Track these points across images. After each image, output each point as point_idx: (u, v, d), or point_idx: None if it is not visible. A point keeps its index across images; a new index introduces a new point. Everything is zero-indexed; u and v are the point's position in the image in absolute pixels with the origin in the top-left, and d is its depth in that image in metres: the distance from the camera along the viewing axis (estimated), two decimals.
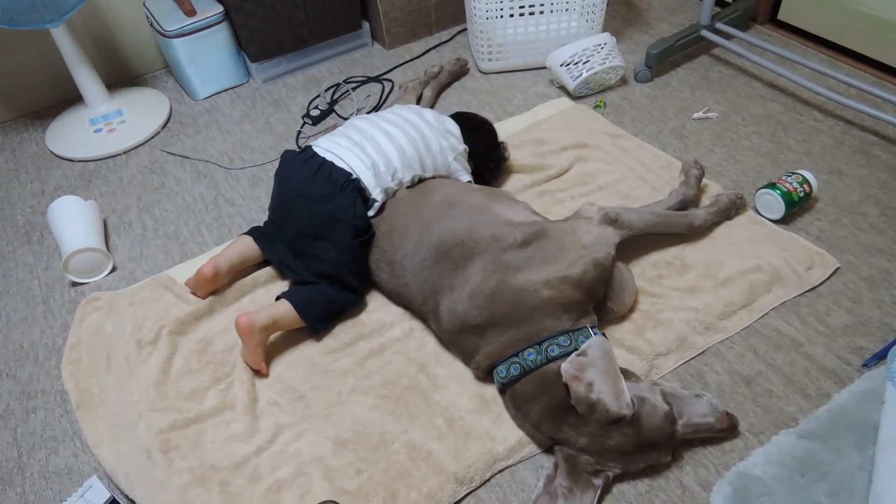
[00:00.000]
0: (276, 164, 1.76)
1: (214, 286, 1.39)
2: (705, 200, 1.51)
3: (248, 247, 1.42)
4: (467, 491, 1.08)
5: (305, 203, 1.31)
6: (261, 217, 1.62)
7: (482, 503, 1.07)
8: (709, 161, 1.65)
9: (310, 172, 1.32)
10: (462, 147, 1.48)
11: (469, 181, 1.48)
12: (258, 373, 1.26)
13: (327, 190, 1.30)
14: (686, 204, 1.44)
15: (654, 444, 1.01)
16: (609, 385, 0.99)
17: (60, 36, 1.77)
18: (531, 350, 1.09)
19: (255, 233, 1.44)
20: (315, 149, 1.37)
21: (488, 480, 1.09)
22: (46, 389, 1.30)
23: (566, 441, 1.04)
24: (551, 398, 1.05)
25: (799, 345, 1.24)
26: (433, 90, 1.91)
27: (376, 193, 1.34)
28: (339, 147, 1.36)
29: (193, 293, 1.40)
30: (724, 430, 1.06)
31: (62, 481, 1.15)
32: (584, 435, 1.01)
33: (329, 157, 1.34)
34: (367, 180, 1.33)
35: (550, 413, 1.05)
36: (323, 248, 1.31)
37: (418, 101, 1.86)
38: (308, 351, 1.30)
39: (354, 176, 1.32)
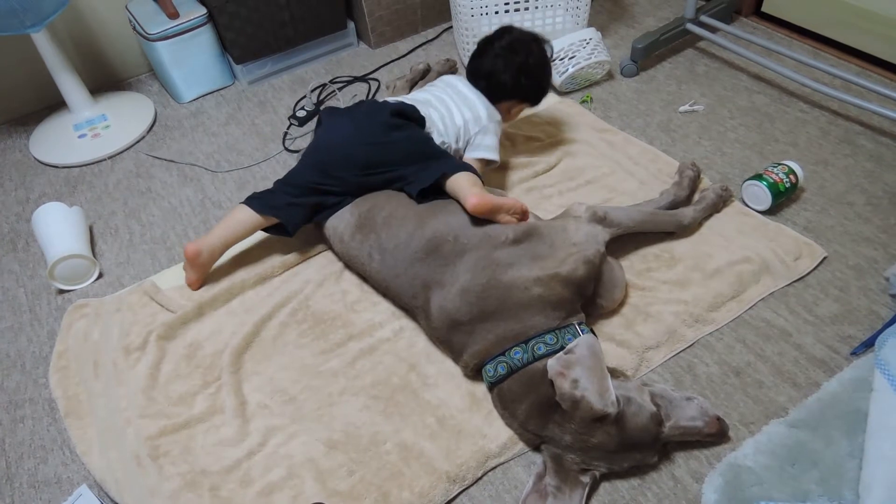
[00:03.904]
0: (262, 166, 1.77)
1: (202, 268, 1.40)
2: (694, 196, 1.51)
3: (243, 221, 1.39)
4: (460, 489, 1.07)
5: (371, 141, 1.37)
6: None
7: (475, 501, 1.07)
8: (696, 154, 1.65)
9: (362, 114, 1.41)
10: (498, 119, 1.52)
11: (492, 159, 1.49)
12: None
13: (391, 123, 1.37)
14: (677, 204, 1.44)
15: (638, 444, 1.01)
16: (594, 383, 0.98)
17: (42, 41, 1.75)
18: (518, 349, 1.09)
19: (256, 203, 1.40)
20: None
21: (480, 478, 1.09)
22: (34, 398, 1.29)
23: (551, 439, 1.04)
24: (537, 396, 1.05)
25: (788, 335, 1.24)
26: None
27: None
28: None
29: (188, 282, 1.42)
30: (713, 436, 1.05)
31: (52, 491, 1.14)
32: (568, 433, 1.01)
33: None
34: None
35: (536, 411, 1.05)
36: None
37: None
38: (298, 353, 1.29)
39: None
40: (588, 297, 1.20)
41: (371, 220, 1.31)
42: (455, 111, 1.46)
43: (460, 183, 1.26)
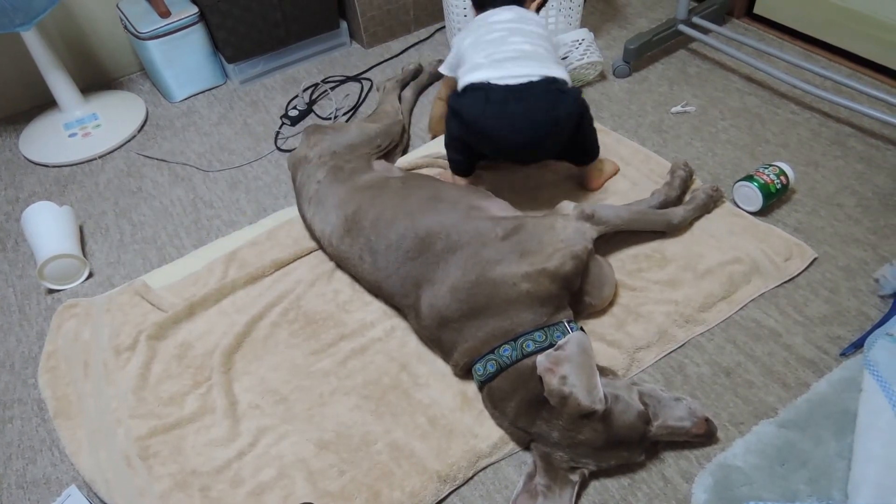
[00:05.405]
0: (254, 165, 1.76)
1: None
2: (685, 196, 1.51)
3: None
4: (451, 489, 1.07)
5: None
6: (240, 219, 1.61)
7: (466, 501, 1.07)
8: (687, 154, 1.66)
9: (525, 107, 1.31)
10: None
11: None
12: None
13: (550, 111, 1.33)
14: (668, 204, 1.44)
15: (625, 441, 1.01)
16: (583, 379, 0.99)
17: (32, 39, 1.74)
18: (506, 346, 1.09)
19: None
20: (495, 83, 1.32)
21: (471, 478, 1.09)
22: (23, 398, 1.28)
23: (540, 436, 1.04)
24: (526, 393, 1.05)
25: (778, 335, 1.25)
26: (413, 91, 1.91)
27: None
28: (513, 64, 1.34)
29: None
30: (701, 437, 1.06)
31: (40, 491, 1.14)
32: (556, 429, 1.01)
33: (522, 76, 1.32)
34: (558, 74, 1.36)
35: (525, 408, 1.05)
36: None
37: (399, 100, 1.85)
38: (290, 353, 1.29)
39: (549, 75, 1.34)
40: (575, 294, 1.21)
41: (358, 224, 1.30)
42: (545, 43, 1.41)
43: (594, 167, 1.52)
